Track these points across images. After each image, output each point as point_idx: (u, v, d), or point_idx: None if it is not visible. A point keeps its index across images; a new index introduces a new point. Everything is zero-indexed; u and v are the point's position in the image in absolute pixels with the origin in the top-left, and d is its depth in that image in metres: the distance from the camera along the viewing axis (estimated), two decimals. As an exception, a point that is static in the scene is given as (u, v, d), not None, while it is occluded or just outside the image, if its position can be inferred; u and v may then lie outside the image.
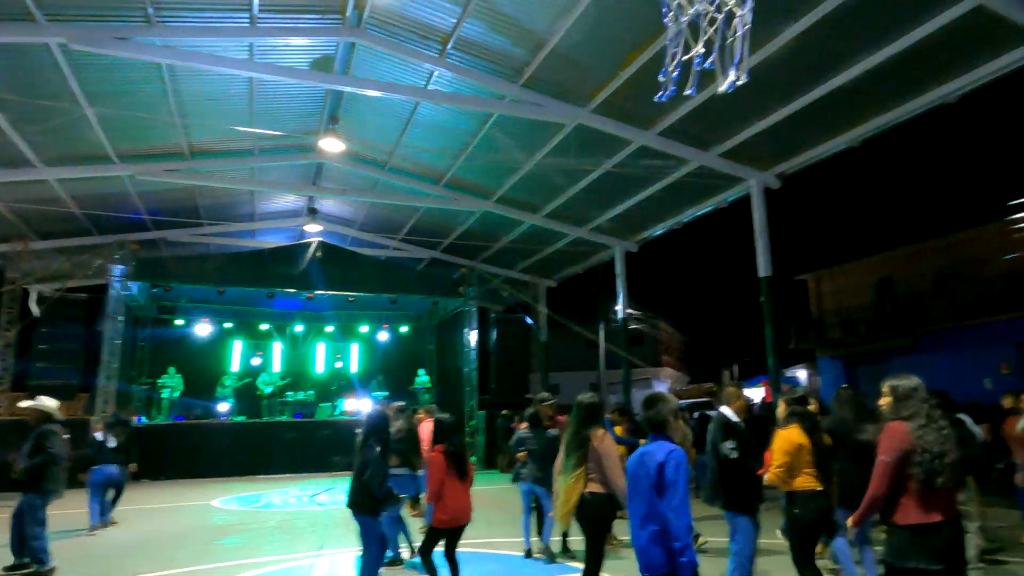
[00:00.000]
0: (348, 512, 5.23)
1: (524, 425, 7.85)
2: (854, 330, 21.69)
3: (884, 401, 3.66)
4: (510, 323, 21.81)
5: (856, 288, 22.49)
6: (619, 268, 17.94)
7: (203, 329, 19.92)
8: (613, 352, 19.77)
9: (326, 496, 12.85)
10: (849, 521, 3.79)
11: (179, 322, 19.92)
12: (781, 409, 5.18)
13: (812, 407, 6.47)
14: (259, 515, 10.87)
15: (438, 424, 5.69)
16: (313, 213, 18.97)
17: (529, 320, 21.77)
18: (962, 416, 7.37)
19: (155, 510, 11.31)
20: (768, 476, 4.97)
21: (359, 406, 18.90)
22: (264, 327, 20.93)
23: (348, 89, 11.84)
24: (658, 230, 16.86)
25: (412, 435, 7.63)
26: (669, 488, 3.17)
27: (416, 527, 8.08)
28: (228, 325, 20.48)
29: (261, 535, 8.95)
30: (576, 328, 21.47)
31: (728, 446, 5.13)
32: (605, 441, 4.79)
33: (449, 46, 10.76)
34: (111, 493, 9.74)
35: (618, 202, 15.54)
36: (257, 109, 12.90)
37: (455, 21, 10.18)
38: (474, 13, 9.92)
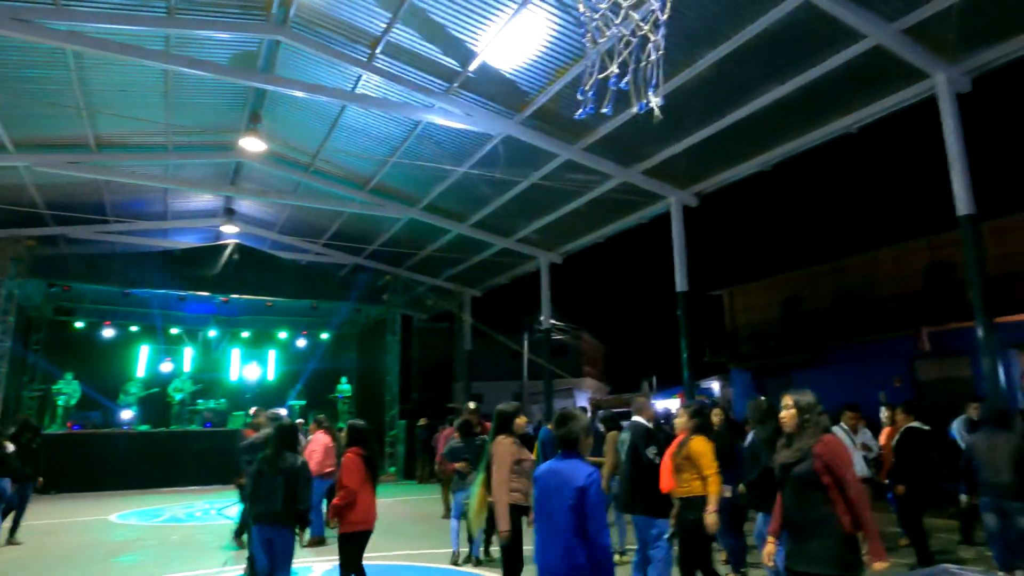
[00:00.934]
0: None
1: (455, 435, 7.97)
2: (763, 344, 22.76)
3: (787, 414, 3.78)
4: (434, 332, 21.65)
5: (765, 305, 23.64)
6: (544, 280, 18.16)
7: (106, 332, 18.71)
8: (536, 362, 19.97)
9: (235, 509, 12.32)
10: (873, 552, 3.41)
11: (79, 324, 18.65)
12: (683, 421, 5.34)
13: (716, 418, 6.76)
14: (161, 530, 10.32)
15: (354, 429, 5.66)
16: (230, 214, 18.30)
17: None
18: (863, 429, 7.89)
19: (46, 526, 10.50)
20: (713, 485, 5.05)
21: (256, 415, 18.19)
22: (174, 331, 19.83)
23: (271, 88, 11.49)
24: (582, 243, 17.20)
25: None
26: (594, 512, 3.18)
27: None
28: (134, 329, 19.28)
29: (162, 551, 8.50)
30: (500, 338, 21.57)
31: (652, 452, 5.33)
32: (499, 448, 4.99)
33: (378, 50, 10.64)
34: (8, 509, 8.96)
35: (544, 214, 15.75)
36: (173, 103, 12.33)
37: (385, 26, 10.09)
38: (404, 19, 9.85)
